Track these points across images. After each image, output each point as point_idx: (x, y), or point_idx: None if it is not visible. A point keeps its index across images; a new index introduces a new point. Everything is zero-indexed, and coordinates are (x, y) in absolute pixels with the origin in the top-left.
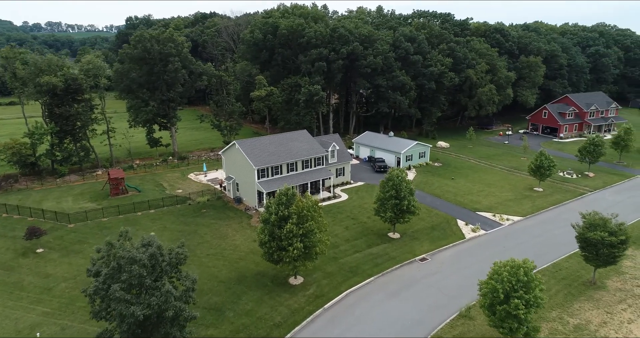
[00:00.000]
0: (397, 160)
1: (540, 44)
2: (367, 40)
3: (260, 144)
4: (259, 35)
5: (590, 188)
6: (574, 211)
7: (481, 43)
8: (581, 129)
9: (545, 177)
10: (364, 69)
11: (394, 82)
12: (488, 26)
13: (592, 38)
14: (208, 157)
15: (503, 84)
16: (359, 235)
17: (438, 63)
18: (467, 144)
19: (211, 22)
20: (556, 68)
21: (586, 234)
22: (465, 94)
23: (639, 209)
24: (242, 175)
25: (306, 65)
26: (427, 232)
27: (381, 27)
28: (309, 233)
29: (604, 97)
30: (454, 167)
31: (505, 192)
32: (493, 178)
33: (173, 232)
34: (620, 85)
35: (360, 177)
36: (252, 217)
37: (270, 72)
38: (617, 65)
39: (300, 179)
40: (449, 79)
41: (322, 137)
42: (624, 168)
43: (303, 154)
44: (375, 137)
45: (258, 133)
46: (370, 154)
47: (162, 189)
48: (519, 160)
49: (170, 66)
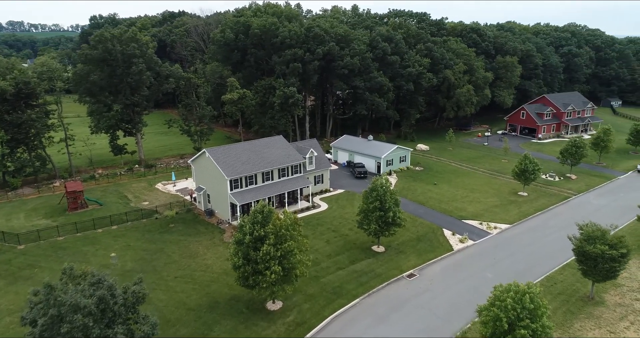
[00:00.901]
0: (378, 165)
1: (515, 44)
2: (343, 40)
3: (232, 151)
4: (230, 35)
5: (574, 191)
6: (561, 216)
7: (458, 43)
8: (559, 129)
9: (530, 181)
10: (340, 70)
11: (372, 83)
12: (464, 26)
13: (565, 38)
14: (177, 164)
15: (481, 84)
16: (342, 249)
17: (416, 63)
18: (446, 146)
19: (180, 21)
20: (531, 68)
21: (585, 247)
22: (443, 95)
23: (625, 213)
24: (214, 186)
25: (280, 66)
26: (413, 244)
27: (357, 26)
28: (288, 254)
29: (580, 97)
30: (435, 171)
31: (490, 198)
32: (476, 182)
33: (137, 251)
34: (592, 85)
35: (339, 184)
36: (224, 231)
37: (243, 74)
38: (588, 65)
39: (276, 189)
40: (427, 80)
41: (299, 143)
42: (604, 169)
43: (279, 162)
44: (354, 141)
45: (231, 137)
46: (349, 159)
47: (127, 202)
48: (501, 162)
49: (133, 68)
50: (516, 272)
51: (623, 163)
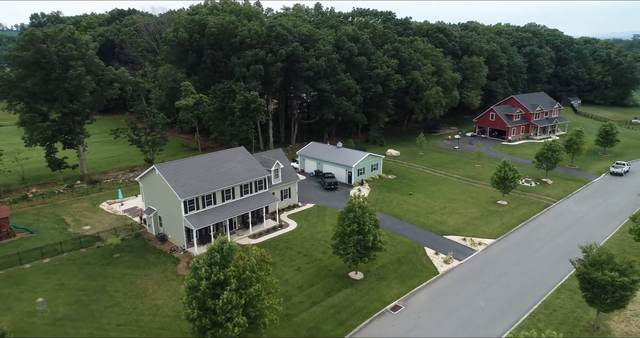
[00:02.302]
0: (349, 175)
1: (481, 44)
2: (307, 40)
3: (186, 167)
4: (183, 34)
5: (553, 198)
6: (545, 228)
7: (425, 43)
8: (528, 130)
9: (510, 189)
10: (305, 72)
11: (339, 85)
12: (430, 26)
13: (526, 38)
14: (127, 179)
15: (449, 85)
16: (315, 278)
17: (384, 64)
18: (417, 151)
19: (130, 20)
20: (497, 68)
21: (592, 274)
22: (411, 97)
23: (609, 221)
24: (166, 207)
25: (240, 68)
26: (394, 267)
27: (321, 26)
28: (255, 300)
29: (547, 98)
30: (409, 179)
31: (470, 208)
32: (453, 191)
33: (73, 291)
34: (553, 85)
35: (308, 197)
36: (179, 261)
37: (199, 77)
38: (550, 65)
39: (239, 209)
40: (396, 81)
41: (262, 154)
42: (578, 172)
43: (241, 177)
44: (322, 149)
45: (187, 145)
46: (318, 168)
47: (64, 227)
48: (474, 167)
49: (71, 72)
50: (510, 298)
51: (594, 165)
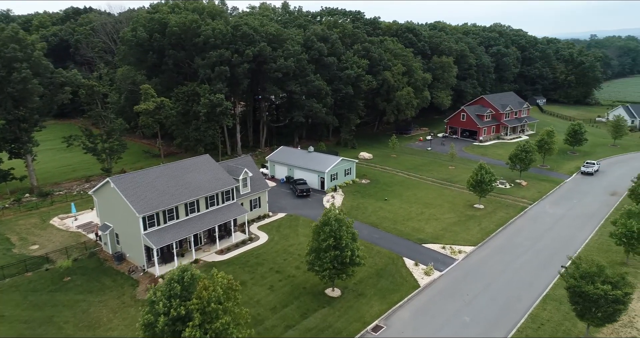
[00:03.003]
0: (321, 181)
1: (450, 44)
2: (275, 39)
3: (145, 179)
4: (142, 33)
5: (529, 199)
6: (524, 232)
7: (395, 43)
8: (498, 130)
9: (487, 193)
10: (273, 73)
11: (309, 87)
12: (399, 25)
13: (493, 38)
14: (82, 190)
15: (420, 86)
16: (289, 297)
17: (354, 65)
18: (390, 153)
19: (85, 19)
20: (466, 68)
21: (583, 287)
22: (382, 98)
23: (586, 224)
24: (123, 224)
25: (205, 69)
26: (372, 281)
27: (289, 25)
28: (222, 333)
29: (516, 97)
30: (383, 183)
31: (447, 213)
32: (428, 195)
33: (14, 324)
34: (520, 84)
35: (280, 206)
36: (138, 283)
37: (161, 79)
38: (516, 65)
39: (204, 223)
40: (367, 82)
41: (229, 162)
42: (550, 172)
43: (207, 188)
44: (293, 154)
45: (150, 152)
46: (289, 174)
47: (8, 247)
48: (448, 170)
49: (15, 75)
50: (495, 311)
51: (565, 164)
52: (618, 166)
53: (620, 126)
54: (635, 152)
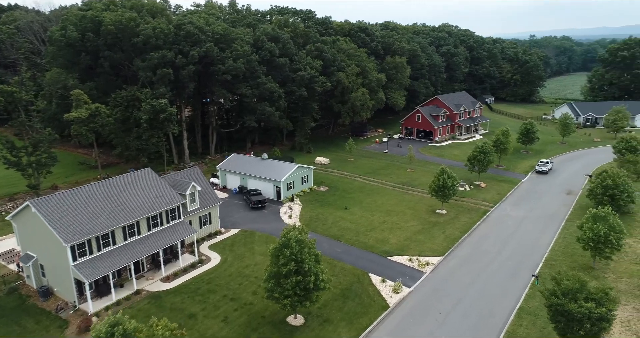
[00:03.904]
0: (277, 190)
1: (403, 44)
2: (223, 39)
3: (75, 201)
4: (74, 33)
5: (489, 202)
6: (489, 238)
7: (348, 43)
8: (453, 130)
9: (449, 198)
10: (222, 75)
11: (260, 90)
12: (351, 25)
13: (443, 38)
14: (5, 210)
15: (375, 87)
16: (246, 330)
17: (307, 66)
18: (347, 157)
19: (10, 17)
20: (418, 68)
21: (567, 306)
22: (337, 100)
23: (548, 226)
24: (48, 254)
25: (145, 72)
26: (338, 304)
27: (237, 24)
28: None
29: (469, 97)
30: (342, 190)
31: (410, 221)
32: (389, 201)
33: None
34: (469, 83)
35: (233, 220)
36: (68, 324)
37: (96, 83)
38: (465, 64)
39: (146, 247)
40: (321, 84)
41: (175, 176)
42: (506, 172)
43: (148, 208)
44: (246, 161)
45: (86, 163)
46: (242, 184)
47: None
48: (407, 173)
49: None
50: (470, 331)
51: (520, 163)
52: (569, 164)
53: (568, 124)
54: (582, 149)
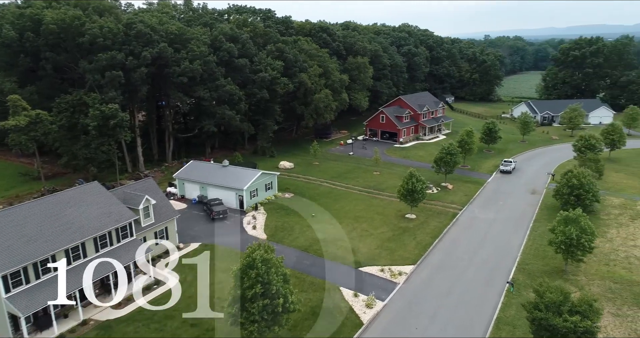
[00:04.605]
0: (240, 200)
1: (364, 44)
2: (178, 39)
3: (8, 222)
4: (10, 32)
5: (458, 204)
6: (460, 244)
7: (309, 43)
8: (417, 131)
9: (418, 202)
10: (177, 77)
11: (219, 92)
12: (312, 25)
13: (403, 38)
14: None
15: (338, 87)
16: None
17: (268, 67)
18: (312, 160)
19: None
20: (380, 68)
21: (551, 320)
22: (300, 102)
23: (517, 227)
24: None
25: (93, 75)
26: (309, 323)
27: (193, 23)
28: None
29: (431, 97)
30: (308, 196)
31: (380, 227)
32: (357, 207)
33: None
34: (430, 83)
35: (192, 233)
36: None
37: (38, 87)
38: (425, 64)
39: (94, 272)
40: (282, 85)
41: (126, 188)
42: (471, 172)
43: (95, 226)
44: (206, 169)
45: (28, 174)
46: (202, 193)
47: None
48: (373, 176)
49: None
50: None
51: (484, 163)
52: (531, 162)
53: (528, 122)
54: (542, 147)
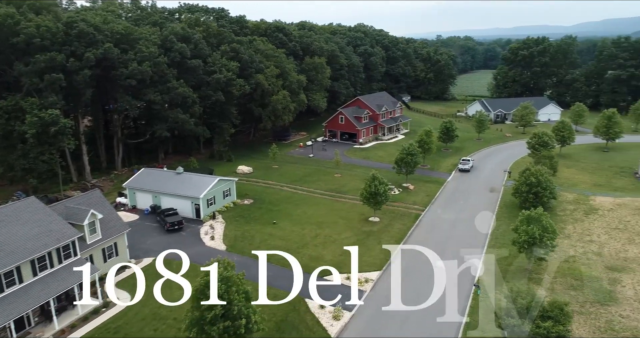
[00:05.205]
0: (196, 208)
1: (321, 44)
2: (124, 40)
3: None
4: None
5: (420, 205)
6: (425, 245)
7: (265, 43)
8: (376, 131)
9: (381, 205)
10: (125, 80)
11: (171, 95)
12: (268, 24)
13: (359, 38)
14: None
15: (295, 88)
16: None
17: (223, 68)
18: (271, 164)
19: None
20: (337, 68)
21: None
22: (257, 103)
23: (479, 227)
24: None
25: (30, 78)
26: None
27: (141, 23)
28: None
29: (389, 97)
30: (269, 202)
31: (344, 233)
32: (320, 211)
33: None
34: (386, 82)
35: (145, 247)
36: None
37: None
38: (382, 64)
39: (32, 298)
40: (239, 87)
41: (67, 202)
42: (431, 172)
43: (32, 247)
44: (159, 177)
45: None
46: (155, 203)
47: None
48: (335, 178)
49: None
50: None
51: (442, 162)
52: (487, 160)
53: (483, 121)
54: (497, 144)
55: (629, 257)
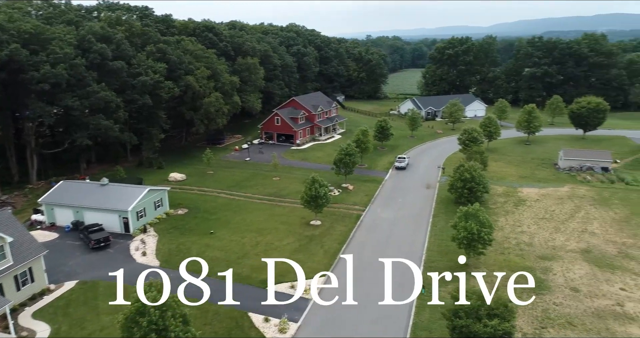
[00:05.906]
0: (124, 222)
1: (253, 44)
2: (35, 40)
3: None
4: None
5: (360, 206)
6: (367, 248)
7: (194, 43)
8: (313, 132)
9: (322, 207)
10: (37, 84)
11: (92, 100)
12: (196, 24)
13: (292, 37)
14: None
15: (228, 90)
16: None
17: (150, 70)
18: (205, 170)
19: None
20: (271, 69)
21: (473, 327)
22: (188, 106)
23: (418, 225)
24: None
25: None
26: None
27: (54, 21)
28: None
29: (324, 97)
30: (205, 211)
31: (285, 239)
32: (259, 218)
33: None
34: (320, 82)
35: (67, 270)
36: None
37: None
38: (315, 64)
39: None
40: (167, 90)
41: None
42: (368, 171)
43: None
44: (80, 189)
45: None
46: (76, 219)
47: None
48: (273, 181)
49: None
50: None
51: (379, 161)
52: (422, 157)
53: (415, 118)
54: (429, 141)
55: (556, 245)
